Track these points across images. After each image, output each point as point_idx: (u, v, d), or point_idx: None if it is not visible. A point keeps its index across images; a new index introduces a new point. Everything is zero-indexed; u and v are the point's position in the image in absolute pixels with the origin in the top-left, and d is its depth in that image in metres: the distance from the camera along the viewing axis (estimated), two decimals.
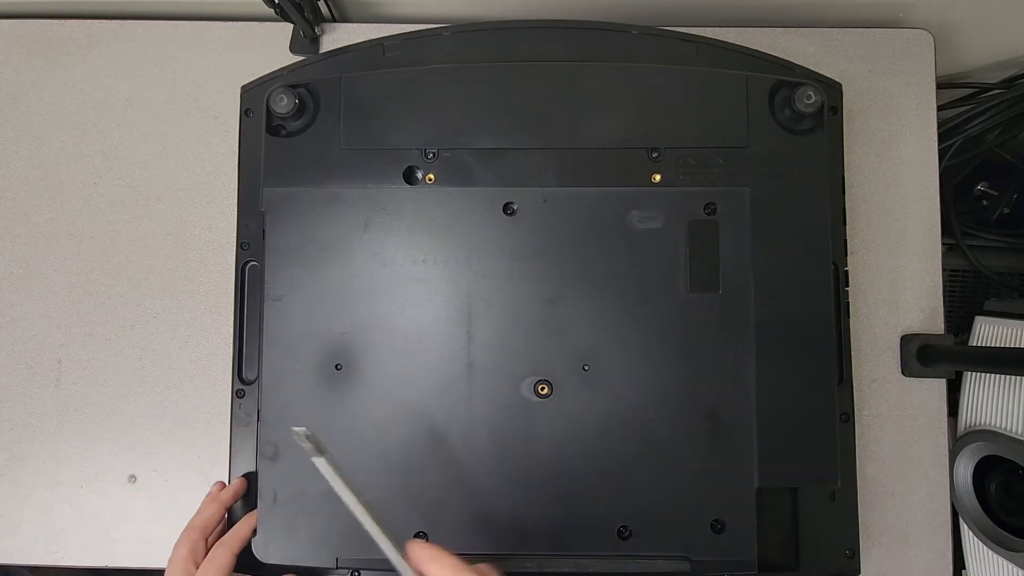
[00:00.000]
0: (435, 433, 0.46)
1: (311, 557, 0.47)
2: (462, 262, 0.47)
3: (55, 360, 0.59)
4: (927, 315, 0.58)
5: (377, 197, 0.48)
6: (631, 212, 0.47)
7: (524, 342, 0.47)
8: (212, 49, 0.61)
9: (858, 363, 0.57)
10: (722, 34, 0.57)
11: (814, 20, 0.62)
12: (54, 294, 0.59)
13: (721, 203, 0.47)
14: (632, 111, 0.48)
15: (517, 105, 0.48)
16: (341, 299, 0.47)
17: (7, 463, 0.58)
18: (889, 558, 0.57)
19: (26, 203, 0.60)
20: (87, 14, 0.63)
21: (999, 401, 0.59)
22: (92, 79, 0.61)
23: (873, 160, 0.59)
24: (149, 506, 0.57)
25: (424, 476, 0.46)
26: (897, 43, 0.60)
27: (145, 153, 0.60)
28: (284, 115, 0.48)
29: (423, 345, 0.47)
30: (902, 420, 0.58)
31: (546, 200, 0.47)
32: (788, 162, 0.48)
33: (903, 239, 0.59)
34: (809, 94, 0.46)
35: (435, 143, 0.48)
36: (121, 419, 0.58)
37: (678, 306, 0.47)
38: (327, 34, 0.61)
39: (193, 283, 0.59)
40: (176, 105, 0.61)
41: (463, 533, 0.46)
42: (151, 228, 0.60)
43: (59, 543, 0.57)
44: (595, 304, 0.47)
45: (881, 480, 0.57)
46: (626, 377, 0.47)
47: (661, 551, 0.45)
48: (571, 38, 0.53)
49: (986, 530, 0.59)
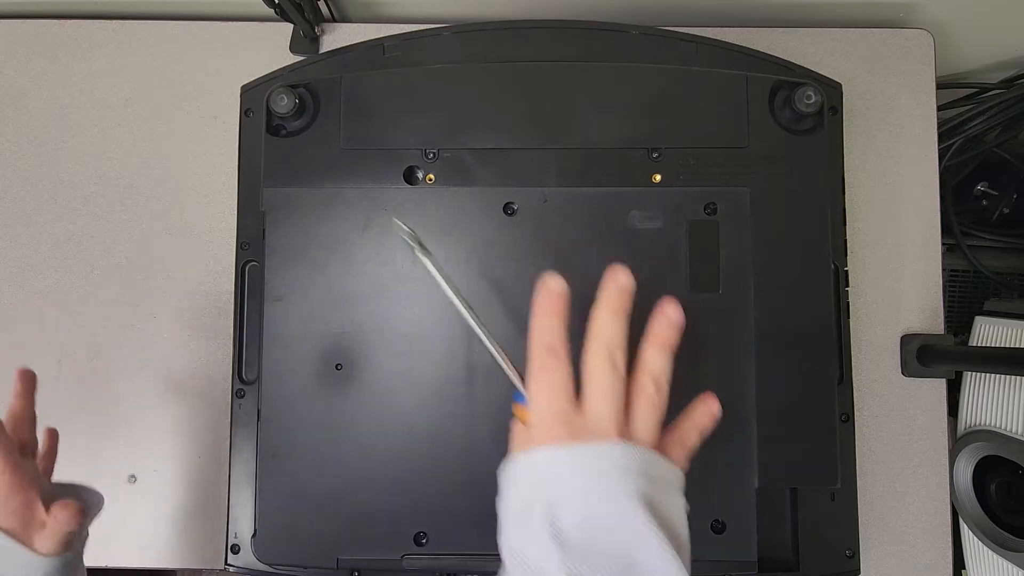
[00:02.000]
0: (435, 433, 0.46)
1: (311, 558, 0.47)
2: (462, 262, 0.47)
3: (55, 360, 0.59)
4: (927, 315, 0.58)
5: (377, 197, 0.48)
6: (631, 212, 0.47)
7: (524, 342, 0.47)
8: (212, 49, 0.61)
9: (858, 363, 0.58)
10: (722, 34, 0.57)
11: (814, 20, 0.62)
12: (54, 294, 0.59)
13: (721, 203, 0.47)
14: (632, 111, 0.48)
15: (517, 105, 0.48)
16: (341, 299, 0.47)
17: None
18: (889, 558, 0.57)
19: (26, 203, 0.60)
20: (87, 14, 0.63)
21: (999, 401, 0.59)
22: (92, 79, 0.61)
23: (873, 160, 0.60)
24: (149, 506, 0.57)
25: (424, 476, 0.46)
26: (897, 43, 0.60)
27: (145, 153, 0.60)
28: (284, 115, 0.47)
29: (423, 345, 0.47)
30: (902, 420, 0.58)
31: (546, 200, 0.47)
32: (788, 162, 0.48)
33: (903, 239, 0.59)
34: (809, 94, 0.46)
35: (435, 143, 0.48)
36: (121, 419, 0.58)
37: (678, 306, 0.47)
38: (327, 34, 0.61)
39: (193, 283, 0.59)
40: (176, 105, 0.61)
41: (463, 533, 0.46)
42: (151, 228, 0.60)
43: None
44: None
45: (881, 480, 0.57)
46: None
47: None
48: (571, 38, 0.53)
49: (986, 530, 0.59)
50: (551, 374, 0.34)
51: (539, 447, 0.33)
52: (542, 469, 0.32)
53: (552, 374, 0.34)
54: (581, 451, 0.32)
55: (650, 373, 0.35)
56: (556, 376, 0.33)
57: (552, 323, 0.34)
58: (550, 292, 0.35)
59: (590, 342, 0.34)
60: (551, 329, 0.34)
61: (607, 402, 0.33)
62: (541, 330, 0.34)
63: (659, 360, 0.35)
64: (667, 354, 0.35)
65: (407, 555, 0.46)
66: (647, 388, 0.34)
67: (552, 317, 0.34)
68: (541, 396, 0.34)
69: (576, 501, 0.31)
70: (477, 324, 0.37)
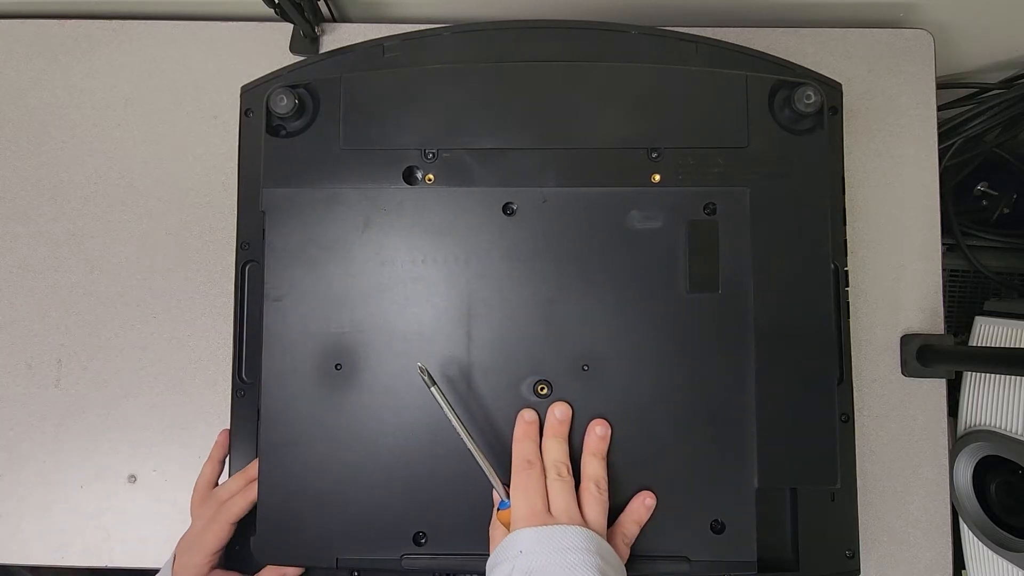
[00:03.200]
0: (434, 433, 0.46)
1: (311, 557, 0.47)
2: (462, 262, 0.47)
3: (55, 360, 0.59)
4: (927, 315, 0.58)
5: (377, 197, 0.48)
6: (631, 212, 0.47)
7: (523, 342, 0.47)
8: (212, 49, 0.61)
9: (858, 363, 0.58)
10: (722, 34, 0.57)
11: (814, 20, 0.62)
12: (54, 294, 0.59)
13: (721, 203, 0.47)
14: (632, 111, 0.48)
15: (517, 105, 0.48)
16: (341, 299, 0.47)
17: (7, 463, 0.58)
18: (889, 558, 0.57)
19: (26, 203, 0.60)
20: (87, 14, 0.63)
21: (999, 401, 0.59)
22: (92, 79, 0.61)
23: (873, 160, 0.59)
24: (149, 506, 0.57)
25: (423, 476, 0.46)
26: (897, 43, 0.60)
27: (145, 153, 0.60)
28: (284, 115, 0.47)
29: (423, 345, 0.47)
30: (902, 420, 0.58)
31: (546, 200, 0.47)
32: (788, 162, 0.48)
33: (903, 239, 0.59)
34: (809, 94, 0.46)
35: (435, 143, 0.48)
36: (121, 419, 0.58)
37: (678, 306, 0.47)
38: (327, 34, 0.61)
39: (193, 283, 0.59)
40: (176, 105, 0.61)
41: (462, 533, 0.46)
42: (151, 228, 0.60)
43: (59, 543, 0.57)
44: (594, 304, 0.47)
45: (881, 480, 0.57)
46: (625, 377, 0.47)
47: (661, 551, 0.45)
48: (571, 38, 0.52)
49: (986, 530, 0.59)
50: (528, 479, 0.44)
51: (520, 529, 0.41)
52: (521, 544, 0.40)
53: (529, 480, 0.43)
54: (549, 531, 0.41)
55: (591, 478, 0.45)
56: (532, 481, 0.43)
57: (528, 445, 0.45)
58: (526, 422, 0.46)
59: (545, 466, 0.45)
60: (528, 449, 0.45)
61: (566, 501, 0.43)
62: (520, 449, 0.45)
63: (596, 467, 0.45)
64: (601, 461, 0.45)
65: (406, 555, 0.46)
66: (591, 490, 0.44)
67: (528, 441, 0.45)
68: (522, 496, 0.43)
69: (546, 571, 0.39)
70: (473, 447, 0.43)
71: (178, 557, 0.48)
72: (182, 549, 0.48)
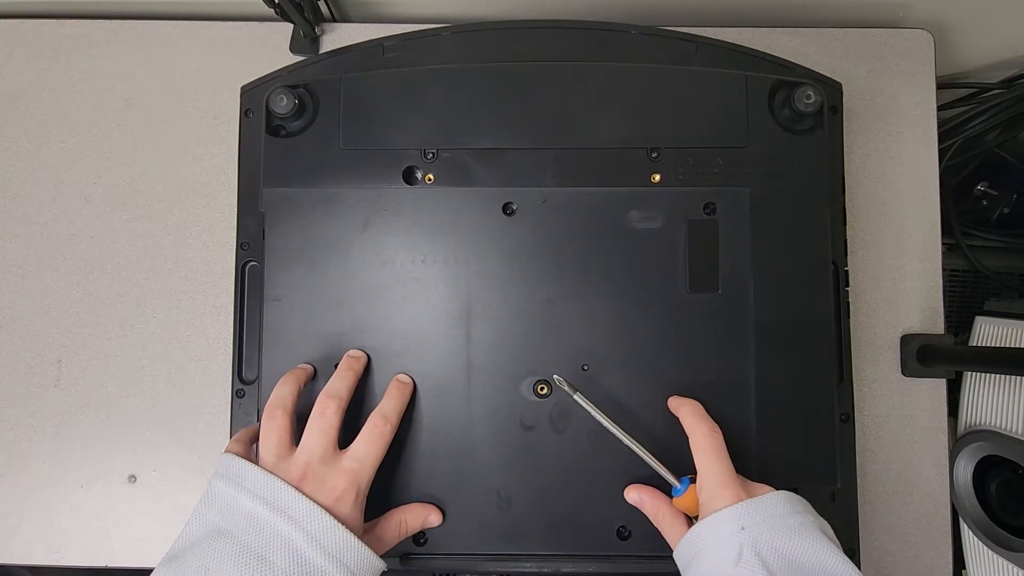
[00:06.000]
0: (434, 433, 0.46)
1: None
2: (461, 262, 0.47)
3: (55, 360, 0.59)
4: (927, 315, 0.58)
5: (377, 197, 0.48)
6: (630, 212, 0.47)
7: (523, 342, 0.47)
8: (212, 49, 0.61)
9: (858, 363, 0.57)
10: (722, 34, 0.57)
11: (814, 20, 0.62)
12: (54, 294, 0.59)
13: (721, 203, 0.47)
14: (632, 111, 0.48)
15: (517, 105, 0.48)
16: (341, 299, 0.47)
17: (7, 463, 0.58)
18: (889, 558, 0.57)
19: (26, 203, 0.60)
20: (87, 14, 0.63)
21: (999, 401, 0.59)
22: (92, 79, 0.61)
23: (873, 160, 0.59)
24: (149, 506, 0.57)
25: (422, 476, 0.46)
26: (897, 43, 0.60)
27: (145, 153, 0.60)
28: (284, 115, 0.48)
29: (422, 345, 0.47)
30: (902, 420, 0.58)
31: (545, 200, 0.47)
32: (788, 162, 0.48)
33: (903, 239, 0.59)
34: (809, 94, 0.46)
35: (434, 143, 0.48)
36: (121, 419, 0.58)
37: (678, 306, 0.47)
38: (327, 34, 0.61)
39: (193, 283, 0.59)
40: (176, 105, 0.61)
41: (461, 533, 0.46)
42: (151, 228, 0.60)
43: (59, 543, 0.57)
44: (594, 304, 0.47)
45: (881, 480, 0.57)
46: (625, 377, 0.47)
47: (661, 551, 0.45)
48: (571, 38, 0.53)
49: (986, 530, 0.59)
50: (718, 446, 0.43)
51: (726, 507, 0.40)
52: (742, 518, 0.40)
53: (718, 445, 0.43)
54: (758, 502, 0.40)
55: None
56: (721, 447, 0.43)
57: (705, 421, 0.44)
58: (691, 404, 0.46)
59: (699, 430, 0.44)
60: (704, 421, 0.44)
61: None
62: (697, 423, 0.44)
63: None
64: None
65: (407, 555, 0.46)
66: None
67: (704, 420, 0.44)
68: (717, 464, 0.42)
69: (774, 538, 0.39)
70: (632, 443, 0.44)
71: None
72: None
